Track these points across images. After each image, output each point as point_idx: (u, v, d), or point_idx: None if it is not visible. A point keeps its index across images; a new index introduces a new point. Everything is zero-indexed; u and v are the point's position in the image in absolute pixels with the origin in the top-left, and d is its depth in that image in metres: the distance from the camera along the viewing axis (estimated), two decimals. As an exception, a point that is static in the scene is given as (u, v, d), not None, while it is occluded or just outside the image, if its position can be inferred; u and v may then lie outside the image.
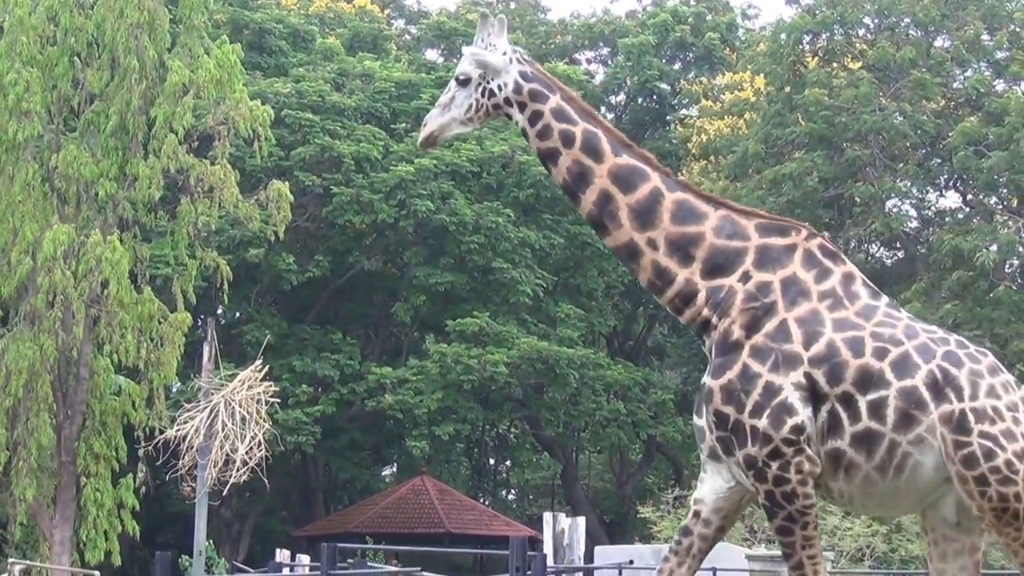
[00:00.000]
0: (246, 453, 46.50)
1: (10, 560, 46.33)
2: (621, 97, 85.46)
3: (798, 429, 13.43)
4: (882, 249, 75.11)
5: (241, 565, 54.94)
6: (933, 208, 72.19)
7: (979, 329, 56.90)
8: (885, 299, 14.41)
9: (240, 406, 46.84)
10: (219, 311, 62.54)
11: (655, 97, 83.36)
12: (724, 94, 75.83)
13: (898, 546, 47.99)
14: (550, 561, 40.82)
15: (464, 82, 14.85)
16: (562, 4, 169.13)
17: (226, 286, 51.29)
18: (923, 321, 14.70)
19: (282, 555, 49.98)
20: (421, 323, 69.82)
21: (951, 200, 72.25)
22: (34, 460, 46.82)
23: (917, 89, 64.94)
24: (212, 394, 47.25)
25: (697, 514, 14.07)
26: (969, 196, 69.51)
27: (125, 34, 47.56)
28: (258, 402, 47.30)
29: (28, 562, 47.60)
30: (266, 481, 48.33)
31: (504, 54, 14.63)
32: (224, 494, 50.05)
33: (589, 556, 43.60)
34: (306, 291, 69.49)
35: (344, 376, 67.05)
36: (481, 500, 73.22)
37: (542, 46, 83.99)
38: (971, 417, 13.31)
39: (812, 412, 13.57)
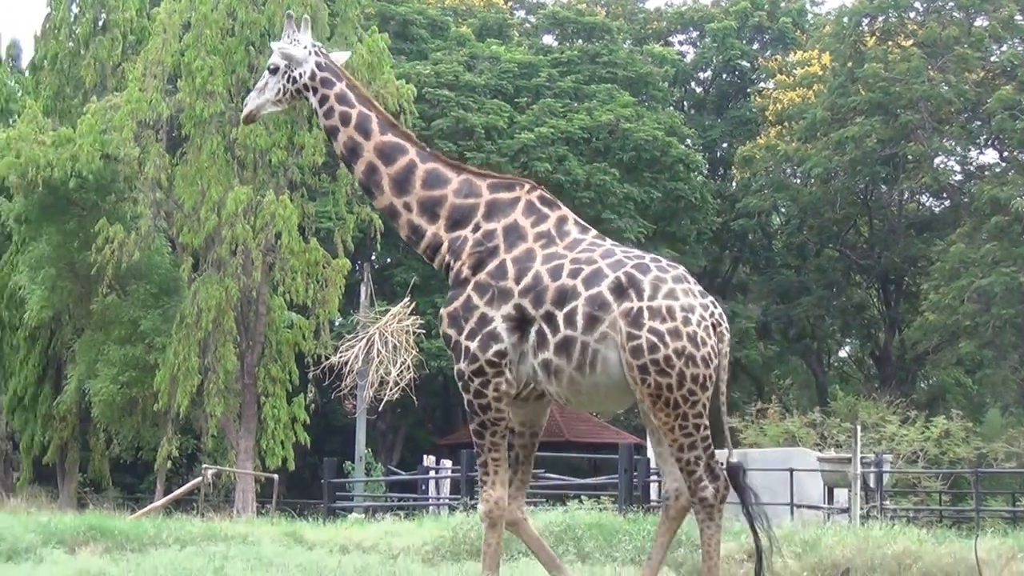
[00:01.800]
0: (397, 375, 47.87)
1: (204, 466, 47.35)
2: (708, 73, 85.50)
3: (501, 354, 14.28)
4: (931, 199, 75.07)
5: (394, 468, 55.95)
6: (974, 164, 72.27)
7: (1014, 265, 57.48)
8: (593, 233, 15.02)
9: (392, 336, 48.24)
10: (373, 257, 63.49)
11: (737, 73, 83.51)
12: (796, 69, 75.62)
13: (947, 449, 47.80)
14: (652, 463, 42.25)
15: (274, 71, 15.55)
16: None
17: (378, 236, 52.50)
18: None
19: (428, 460, 51.05)
20: (543, 266, 70.27)
21: (990, 156, 72.26)
22: (222, 383, 48.18)
23: (960, 63, 65.74)
24: (368, 327, 48.67)
25: (511, 430, 14.94)
26: (1005, 153, 69.49)
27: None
28: (407, 333, 48.60)
29: (219, 467, 48.78)
30: (414, 398, 49.46)
31: (305, 48, 15.40)
32: (379, 409, 51.07)
33: (685, 458, 44.62)
34: (445, 240, 70.42)
35: (472, 309, 67.98)
36: (594, 413, 73.78)
37: (640, 31, 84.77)
38: (646, 314, 13.81)
39: (519, 339, 14.34)
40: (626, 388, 14.06)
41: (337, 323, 52.52)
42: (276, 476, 47.29)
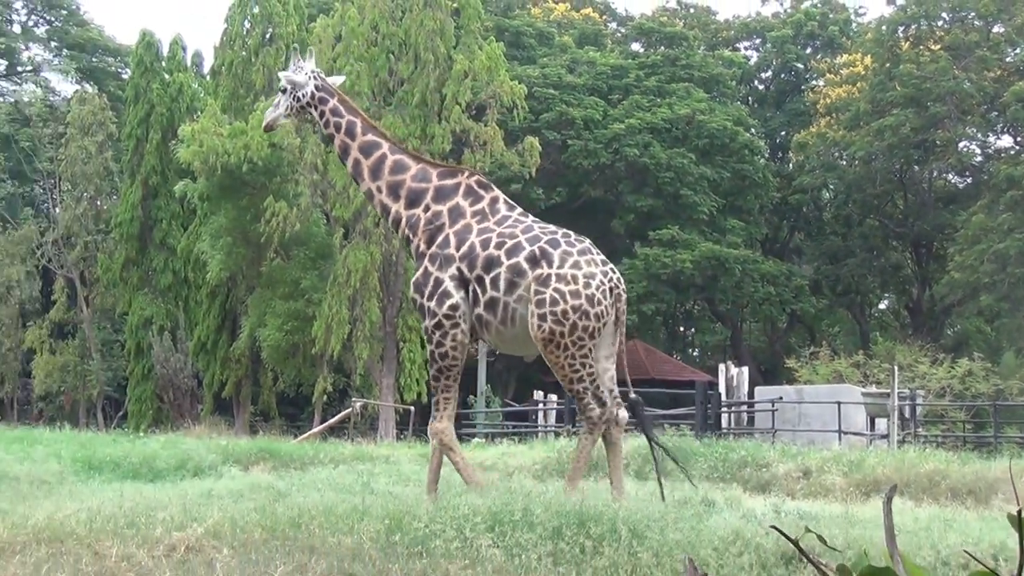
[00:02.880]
0: (512, 324, 47.70)
1: (353, 399, 47.58)
2: (769, 73, 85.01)
3: (454, 307, 15.93)
4: (956, 177, 74.37)
5: (509, 401, 56.13)
6: (992, 147, 71.56)
7: (1027, 232, 57.43)
8: (518, 211, 16.75)
9: (507, 292, 48.09)
10: (491, 227, 63.52)
11: (793, 73, 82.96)
12: (842, 69, 75.27)
13: (970, 386, 47.57)
14: (724, 397, 42.13)
15: (284, 91, 17.96)
16: (727, 7, 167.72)
17: (493, 211, 52.58)
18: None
19: (537, 394, 50.96)
20: (631, 234, 69.95)
21: (1005, 141, 71.25)
22: (367, 331, 48.47)
23: (980, 63, 65.07)
24: (487, 284, 48.49)
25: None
26: (1019, 138, 68.78)
27: (424, 37, 48.95)
28: (520, 289, 48.43)
29: (365, 400, 48.99)
30: (525, 343, 49.44)
31: (306, 74, 17.77)
32: (497, 353, 51.20)
33: (751, 394, 44.51)
34: (550, 214, 70.04)
35: (579, 270, 68.12)
36: (674, 356, 73.51)
37: (712, 38, 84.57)
38: (553, 279, 15.39)
39: (464, 294, 15.94)
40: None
41: (462, 282, 52.44)
42: (412, 408, 47.57)
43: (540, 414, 48.71)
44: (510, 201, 16.94)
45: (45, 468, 21.86)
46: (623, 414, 16.39)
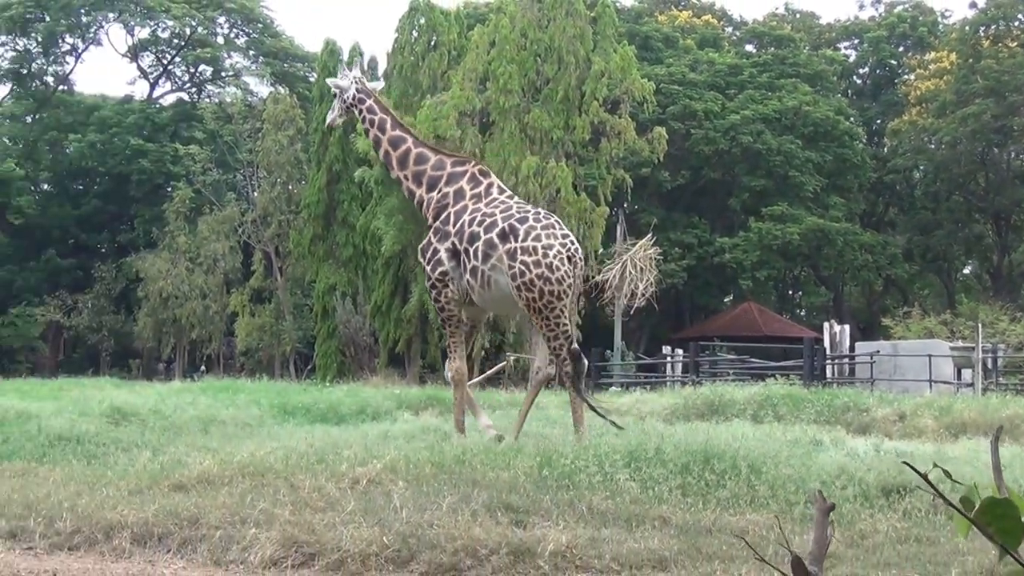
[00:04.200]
0: (643, 289, 47.77)
1: (507, 353, 47.79)
2: (866, 69, 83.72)
3: (443, 273, 16.75)
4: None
5: (641, 355, 56.20)
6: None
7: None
8: (507, 193, 17.24)
9: (639, 261, 48.14)
10: (625, 205, 63.42)
11: (887, 68, 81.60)
12: (930, 65, 74.36)
13: None
14: (828, 352, 41.72)
15: (335, 96, 18.68)
16: (829, 11, 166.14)
17: (628, 190, 52.55)
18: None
19: (666, 349, 51.03)
20: (745, 210, 69.45)
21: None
22: (519, 295, 48.58)
23: (1053, 57, 64.06)
24: (622, 255, 48.58)
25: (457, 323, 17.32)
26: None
27: (566, 42, 48.87)
28: (649, 259, 48.56)
29: (518, 354, 49.12)
30: (655, 305, 49.46)
31: (350, 81, 18.34)
32: (630, 313, 51.22)
33: (851, 349, 44.03)
34: (676, 192, 70.28)
35: (700, 243, 67.74)
36: (784, 315, 72.93)
37: (816, 39, 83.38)
38: (518, 252, 15.88)
39: (456, 263, 16.64)
40: (512, 298, 16.20)
41: (600, 252, 52.39)
42: (586, 366, 47.52)
43: (668, 366, 48.65)
44: (503, 186, 17.51)
45: (247, 413, 22.20)
46: (551, 371, 17.07)
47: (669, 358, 49.38)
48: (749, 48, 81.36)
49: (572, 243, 16.27)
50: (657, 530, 10.52)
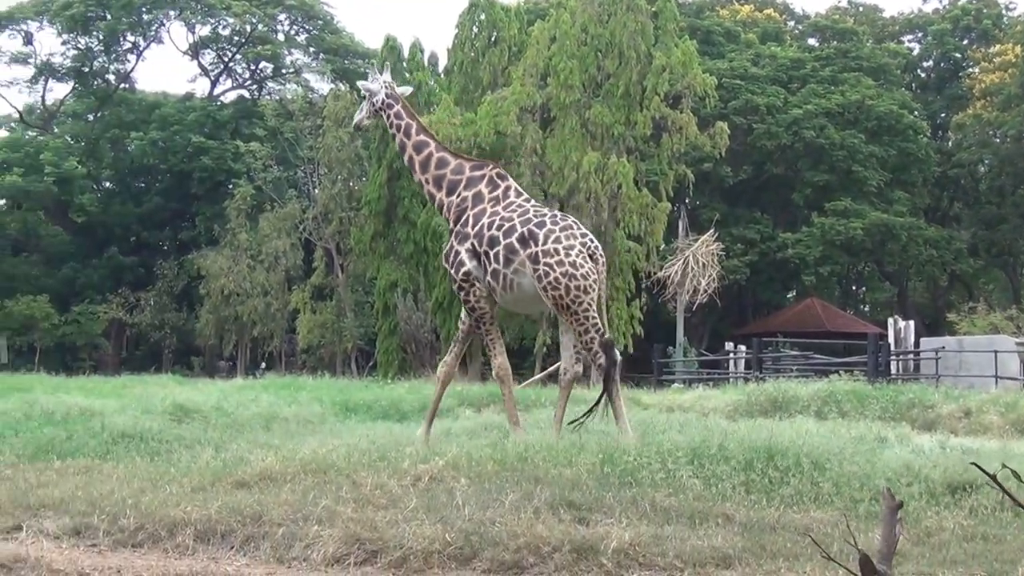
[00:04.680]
0: (705, 285, 47.77)
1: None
2: (930, 62, 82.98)
3: (467, 274, 16.91)
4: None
5: (704, 351, 55.99)
6: None
7: None
8: (524, 196, 17.44)
9: (701, 257, 48.15)
10: (687, 200, 63.31)
11: (951, 61, 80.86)
12: (995, 58, 73.76)
13: None
14: (892, 347, 41.47)
15: (364, 98, 19.23)
16: (892, 4, 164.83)
17: (690, 185, 52.33)
18: None
19: (728, 345, 51.05)
20: (808, 205, 69.23)
21: None
22: (580, 291, 48.54)
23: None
24: (684, 251, 48.57)
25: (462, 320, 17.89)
26: None
27: (627, 37, 48.76)
28: (712, 255, 48.60)
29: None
30: (718, 301, 49.67)
31: (379, 85, 18.95)
32: (692, 309, 51.33)
33: (916, 344, 43.74)
34: (738, 188, 70.09)
35: (763, 238, 67.51)
36: (847, 311, 72.56)
37: (879, 33, 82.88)
38: (541, 255, 16.13)
39: (477, 263, 16.84)
40: (534, 299, 16.67)
41: (661, 248, 52.35)
42: (619, 357, 47.51)
43: (731, 362, 48.62)
44: (519, 189, 17.66)
45: (309, 410, 22.33)
46: (578, 368, 17.33)
47: (732, 354, 49.36)
48: (812, 42, 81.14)
49: (592, 241, 16.54)
50: (721, 527, 10.51)
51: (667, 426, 16.93)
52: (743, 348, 48.74)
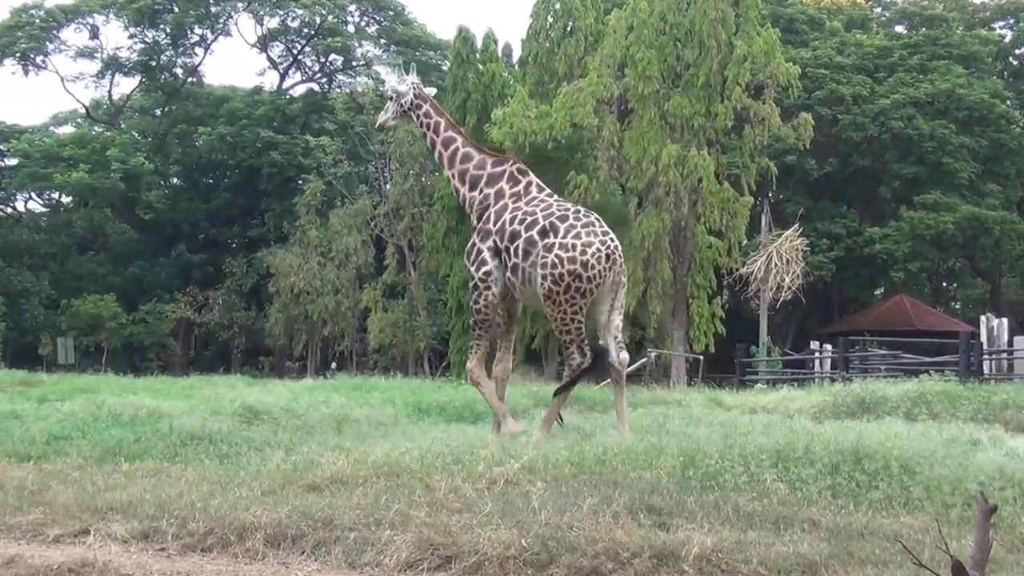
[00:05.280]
0: (789, 282, 47.57)
1: (649, 349, 47.96)
2: (1023, 50, 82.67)
3: (487, 273, 17.36)
4: None
5: (788, 351, 55.82)
6: None
7: None
8: (546, 191, 17.86)
9: (785, 253, 47.98)
10: (770, 194, 63.04)
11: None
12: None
13: None
14: (984, 346, 41.05)
15: (391, 99, 19.64)
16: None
17: (773, 179, 52.11)
18: None
19: (814, 344, 50.85)
20: (896, 199, 68.75)
21: None
22: (660, 289, 48.44)
23: None
24: (767, 246, 48.39)
25: (500, 318, 17.96)
26: None
27: (708, 26, 48.61)
28: (796, 250, 48.37)
29: (659, 350, 49.25)
30: (802, 298, 49.39)
31: (407, 85, 19.40)
32: (776, 307, 51.11)
33: (1010, 343, 43.30)
34: (823, 181, 69.69)
35: (849, 233, 67.13)
36: (938, 308, 71.98)
37: (969, 19, 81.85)
38: (556, 247, 16.45)
39: (499, 262, 17.28)
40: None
41: (744, 244, 52.22)
42: (701, 357, 47.60)
43: (816, 362, 48.37)
44: (541, 184, 18.11)
45: (381, 412, 22.41)
46: (624, 356, 17.00)
47: (817, 354, 49.13)
48: (899, 29, 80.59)
49: (612, 240, 16.91)
50: (806, 533, 10.45)
51: (750, 428, 16.83)
52: (829, 347, 48.54)
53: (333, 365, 70.64)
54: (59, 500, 12.82)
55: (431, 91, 20.06)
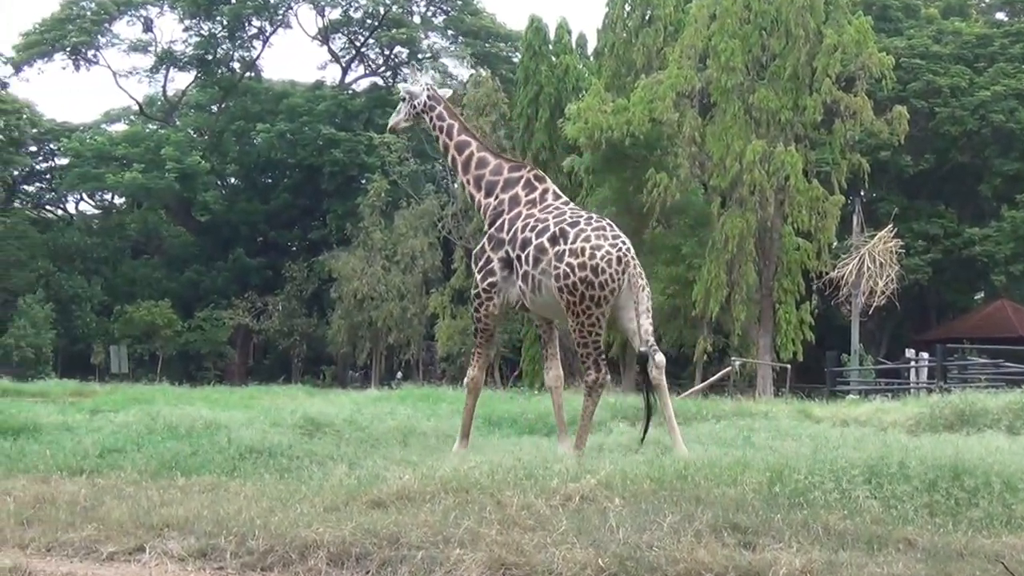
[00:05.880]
0: (883, 286, 47.32)
1: (732, 358, 47.80)
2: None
3: (492, 284, 17.77)
4: None
5: (882, 359, 55.56)
6: None
7: None
8: (562, 199, 18.12)
9: (878, 255, 47.72)
10: (862, 192, 62.71)
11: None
12: None
13: None
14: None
15: (404, 100, 19.86)
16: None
17: (866, 176, 51.88)
18: None
19: (909, 352, 50.41)
20: (998, 197, 68.12)
21: None
22: (744, 294, 48.43)
23: None
24: (859, 248, 48.17)
25: (538, 325, 19.04)
26: None
27: (795, 14, 48.54)
28: (890, 252, 48.12)
29: (744, 359, 49.13)
30: (897, 303, 49.06)
31: (421, 87, 19.62)
32: (869, 313, 50.91)
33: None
34: (919, 178, 69.15)
35: (947, 234, 66.60)
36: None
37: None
38: (566, 254, 16.57)
39: (508, 273, 17.56)
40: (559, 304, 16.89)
41: (834, 246, 52.01)
42: (788, 366, 47.45)
43: (912, 371, 48.03)
44: (558, 191, 18.37)
45: (449, 424, 22.43)
46: (660, 358, 16.91)
47: (913, 362, 48.76)
48: (1000, 16, 79.77)
49: (623, 243, 16.83)
50: (902, 553, 10.40)
51: (841, 442, 16.75)
52: (925, 355, 48.08)
53: (398, 374, 70.91)
54: (113, 516, 12.92)
55: (446, 92, 20.73)
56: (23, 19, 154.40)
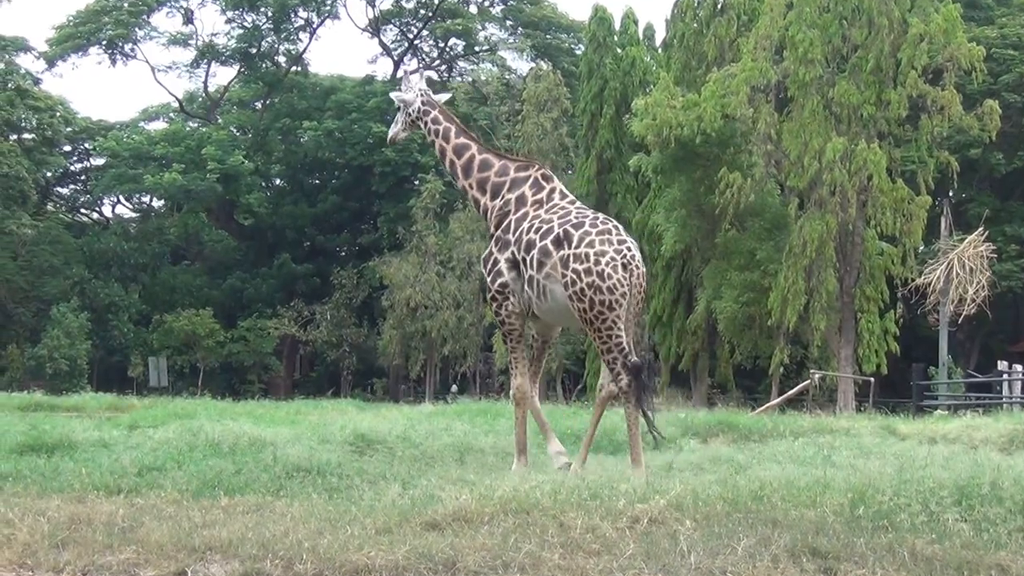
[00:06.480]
0: (974, 293, 47.10)
1: (811, 371, 47.62)
2: None
3: (503, 285, 17.99)
4: None
5: (972, 372, 55.24)
6: None
7: None
8: (569, 198, 18.33)
9: (968, 260, 47.49)
10: (951, 193, 62.41)
11: None
12: None
13: None
14: None
15: (399, 109, 20.21)
16: None
17: (954, 176, 51.60)
18: None
19: (1002, 364, 50.09)
20: (1100, 198, 68.17)
21: None
22: (824, 302, 48.20)
23: None
24: (948, 253, 47.94)
25: (532, 344, 19.14)
26: None
27: (878, 2, 48.33)
28: (981, 257, 47.82)
29: (823, 372, 48.89)
30: (988, 312, 48.69)
31: (414, 93, 19.92)
32: (958, 322, 50.63)
33: None
34: (1012, 178, 68.76)
35: (1042, 237, 66.46)
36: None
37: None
38: (571, 259, 16.88)
39: (517, 274, 17.79)
40: (569, 310, 17.15)
41: (920, 250, 51.77)
42: (871, 379, 47.23)
43: (1005, 385, 47.71)
44: (565, 191, 18.58)
45: (509, 440, 22.44)
46: (615, 388, 17.26)
47: (1006, 375, 48.47)
48: (1099, 2, 79.26)
49: (629, 249, 17.03)
50: (994, 581, 10.36)
51: (929, 460, 16.67)
52: (1019, 368, 47.88)
53: (454, 388, 71.10)
54: (152, 538, 13.01)
55: (442, 97, 20.60)
56: (56, 11, 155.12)
